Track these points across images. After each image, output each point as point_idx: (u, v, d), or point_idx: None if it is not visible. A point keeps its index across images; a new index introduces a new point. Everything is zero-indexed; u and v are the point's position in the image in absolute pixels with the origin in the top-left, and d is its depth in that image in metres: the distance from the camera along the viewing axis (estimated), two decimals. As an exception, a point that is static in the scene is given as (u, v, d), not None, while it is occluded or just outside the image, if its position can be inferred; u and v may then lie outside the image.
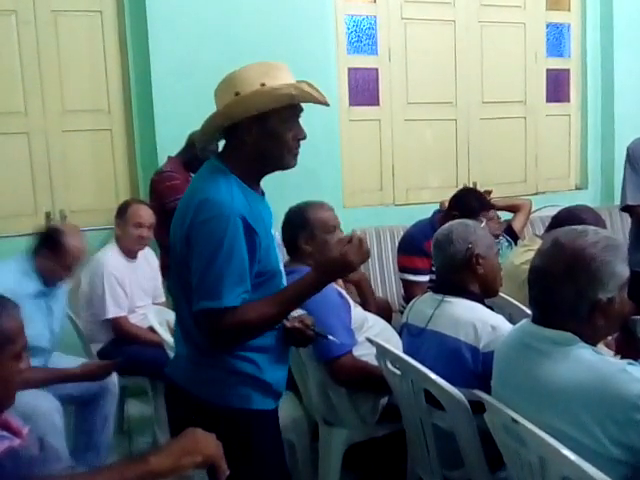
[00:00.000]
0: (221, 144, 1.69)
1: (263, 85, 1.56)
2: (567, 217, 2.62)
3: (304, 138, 1.63)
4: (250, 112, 1.55)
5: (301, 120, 1.64)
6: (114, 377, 2.81)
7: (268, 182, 1.73)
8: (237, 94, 1.57)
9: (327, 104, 1.63)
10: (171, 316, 2.91)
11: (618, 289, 1.49)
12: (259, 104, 1.55)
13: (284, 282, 1.73)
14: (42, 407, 2.40)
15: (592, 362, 1.44)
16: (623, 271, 1.49)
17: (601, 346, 1.68)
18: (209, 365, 1.63)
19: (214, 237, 1.51)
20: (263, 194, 1.71)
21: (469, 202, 3.20)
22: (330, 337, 1.86)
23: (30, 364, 1.45)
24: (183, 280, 1.60)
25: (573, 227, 1.59)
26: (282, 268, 1.75)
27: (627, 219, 3.54)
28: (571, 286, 1.47)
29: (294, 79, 1.61)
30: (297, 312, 1.76)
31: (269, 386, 1.67)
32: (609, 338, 1.88)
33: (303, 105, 1.63)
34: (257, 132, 1.58)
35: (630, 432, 1.35)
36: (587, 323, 1.49)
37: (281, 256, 1.79)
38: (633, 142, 3.25)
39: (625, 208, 3.25)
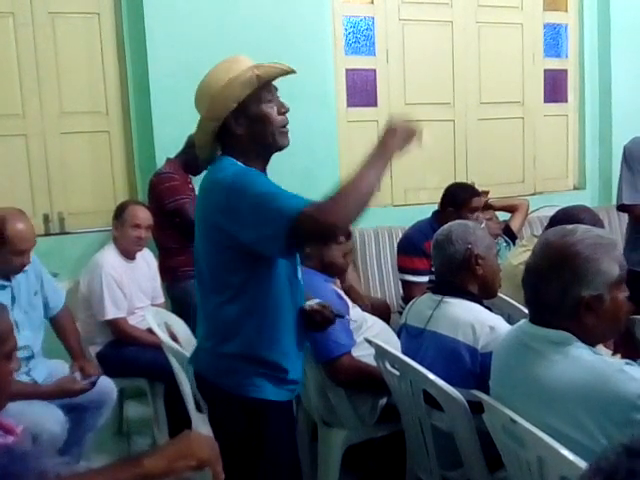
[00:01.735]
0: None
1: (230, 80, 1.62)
2: (564, 217, 2.61)
3: (287, 110, 1.69)
4: (230, 106, 1.61)
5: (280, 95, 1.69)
6: (114, 393, 2.77)
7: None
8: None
9: (294, 72, 1.68)
10: (169, 317, 2.93)
11: (607, 288, 1.47)
12: (233, 96, 1.61)
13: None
14: (46, 421, 2.36)
15: (590, 362, 1.44)
16: (611, 269, 1.47)
17: (599, 346, 1.68)
18: (230, 355, 1.66)
19: (247, 186, 1.54)
20: None
21: (458, 194, 3.27)
22: (347, 317, 2.11)
23: (19, 365, 1.45)
24: (220, 262, 1.63)
25: (564, 226, 1.59)
26: None
27: (625, 219, 3.54)
28: (556, 283, 1.47)
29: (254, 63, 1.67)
30: (313, 301, 1.84)
31: (285, 373, 1.70)
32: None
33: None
34: (244, 121, 1.64)
35: (628, 432, 1.34)
36: (574, 321, 1.48)
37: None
38: (630, 141, 3.25)
39: (621, 207, 3.26)
